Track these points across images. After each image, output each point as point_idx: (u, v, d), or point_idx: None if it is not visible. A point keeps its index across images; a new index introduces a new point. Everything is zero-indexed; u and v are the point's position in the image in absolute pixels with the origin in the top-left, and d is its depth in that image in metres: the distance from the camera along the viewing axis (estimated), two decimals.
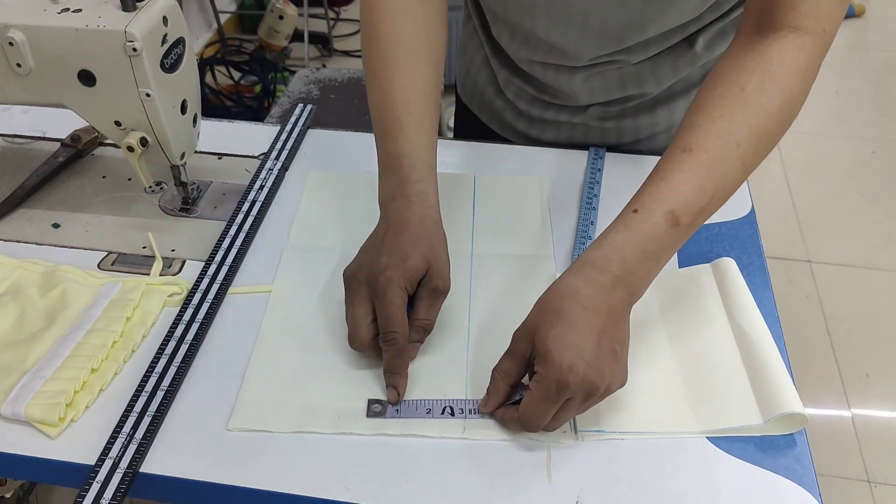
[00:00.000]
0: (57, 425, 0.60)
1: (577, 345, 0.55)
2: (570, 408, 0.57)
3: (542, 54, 0.86)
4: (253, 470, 0.58)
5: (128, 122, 0.72)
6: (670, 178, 0.60)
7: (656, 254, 0.59)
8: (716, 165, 0.60)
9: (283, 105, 1.67)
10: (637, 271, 0.59)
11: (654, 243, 0.59)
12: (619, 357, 0.58)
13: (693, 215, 0.59)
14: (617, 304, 0.58)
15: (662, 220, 0.59)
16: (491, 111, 1.01)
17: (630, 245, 0.59)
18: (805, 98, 0.63)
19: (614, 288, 0.58)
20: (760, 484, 0.58)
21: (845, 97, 2.79)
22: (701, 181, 0.60)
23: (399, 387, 0.63)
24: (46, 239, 0.79)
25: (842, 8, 0.63)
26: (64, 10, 0.69)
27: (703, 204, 0.60)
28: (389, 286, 0.62)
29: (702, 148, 0.60)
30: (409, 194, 0.67)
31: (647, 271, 0.59)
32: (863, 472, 1.56)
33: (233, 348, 0.68)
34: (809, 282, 2.00)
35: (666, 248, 0.60)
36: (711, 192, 0.60)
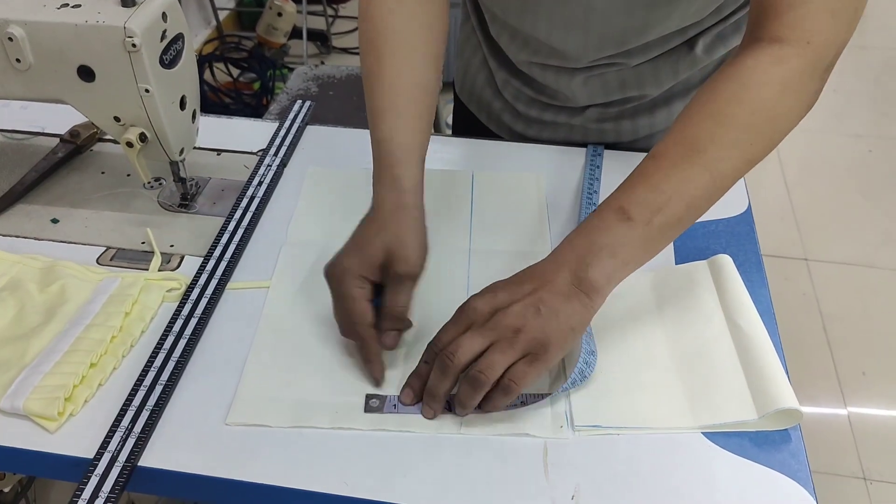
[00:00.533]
0: (56, 419, 0.60)
1: (495, 287, 0.60)
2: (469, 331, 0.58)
3: (542, 56, 0.86)
4: (251, 464, 0.59)
5: (127, 117, 0.73)
6: (629, 180, 0.62)
7: (609, 247, 0.59)
8: (675, 169, 0.60)
9: (281, 102, 1.67)
10: (587, 260, 0.59)
11: (605, 236, 0.60)
12: (541, 313, 0.58)
13: (648, 212, 0.60)
14: (560, 283, 0.59)
15: (612, 214, 0.60)
16: (489, 112, 1.01)
17: (580, 237, 0.61)
18: (795, 111, 0.62)
19: (558, 270, 0.60)
20: (755, 479, 0.59)
21: (843, 95, 2.79)
22: (657, 182, 0.60)
23: (375, 373, 0.63)
24: (45, 234, 0.79)
25: (837, 21, 0.61)
26: (63, 5, 0.69)
27: (660, 203, 0.60)
28: (343, 277, 0.63)
29: (664, 154, 0.61)
30: (382, 179, 0.67)
31: (598, 262, 0.59)
32: (859, 470, 1.56)
33: (231, 343, 0.68)
34: (806, 280, 2.01)
35: (622, 244, 0.60)
36: (669, 193, 0.60)
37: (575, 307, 0.59)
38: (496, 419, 0.62)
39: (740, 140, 0.61)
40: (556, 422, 0.62)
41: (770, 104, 0.61)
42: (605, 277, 0.59)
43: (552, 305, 0.58)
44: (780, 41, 0.61)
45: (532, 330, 0.58)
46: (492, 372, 0.58)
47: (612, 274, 0.60)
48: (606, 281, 0.60)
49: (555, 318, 0.58)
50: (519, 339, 0.58)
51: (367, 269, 0.63)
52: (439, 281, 0.74)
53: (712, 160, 0.60)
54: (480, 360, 0.58)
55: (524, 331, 0.58)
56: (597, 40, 0.81)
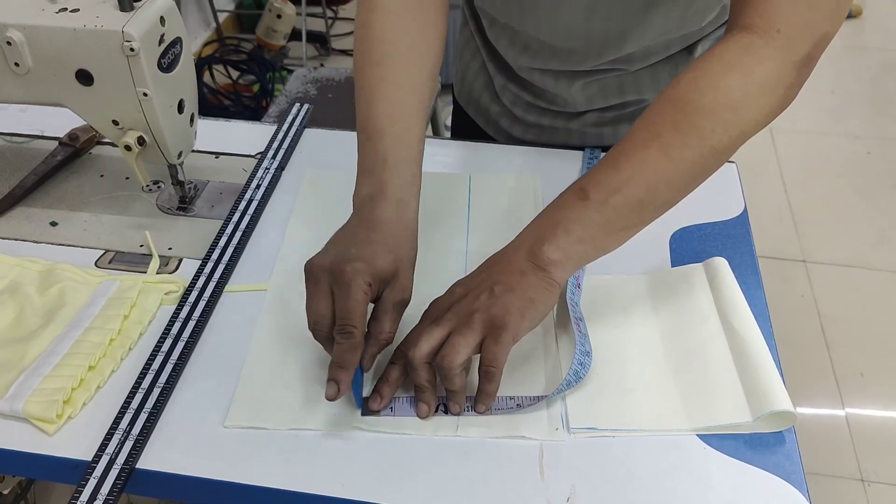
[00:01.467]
0: (54, 422, 0.61)
1: (453, 288, 0.63)
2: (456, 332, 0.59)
3: (541, 60, 0.87)
4: (249, 467, 0.59)
5: (125, 121, 0.73)
6: (595, 165, 0.64)
7: (564, 223, 0.61)
8: (635, 151, 0.62)
9: (280, 104, 1.67)
10: (544, 237, 0.61)
11: (562, 213, 0.62)
12: (495, 293, 0.60)
13: (605, 192, 0.61)
14: (517, 262, 0.61)
15: (572, 193, 0.63)
16: (487, 116, 1.01)
17: (540, 218, 0.64)
18: (763, 101, 0.61)
19: (517, 249, 0.63)
20: (750, 481, 0.59)
21: (841, 96, 2.79)
22: (618, 164, 0.62)
23: (342, 383, 0.60)
24: (44, 237, 0.80)
25: (814, 12, 0.60)
26: (62, 9, 0.69)
27: (617, 184, 0.61)
28: (355, 278, 0.59)
29: (629, 138, 0.63)
30: (388, 198, 0.65)
31: (555, 239, 0.61)
32: (856, 471, 1.56)
33: (229, 346, 0.68)
34: (804, 281, 2.01)
35: (577, 221, 0.61)
36: (627, 174, 0.61)
37: (531, 280, 0.60)
38: (492, 422, 0.62)
39: (699, 126, 0.60)
40: (551, 424, 0.62)
41: (732, 92, 0.60)
42: (559, 251, 0.61)
43: (507, 283, 0.60)
44: (751, 29, 0.61)
45: (488, 308, 0.59)
46: (455, 355, 0.58)
47: (568, 248, 0.61)
48: (562, 255, 0.61)
49: (510, 293, 0.60)
50: (475, 320, 0.59)
51: (375, 279, 0.61)
52: (435, 283, 0.74)
53: (671, 145, 0.61)
54: (443, 346, 0.59)
55: (479, 311, 0.59)
56: (597, 42, 0.81)
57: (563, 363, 0.66)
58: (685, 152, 0.61)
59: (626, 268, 0.76)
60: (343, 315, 0.59)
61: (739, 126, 0.61)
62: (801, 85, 0.63)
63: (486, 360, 0.59)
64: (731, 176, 0.89)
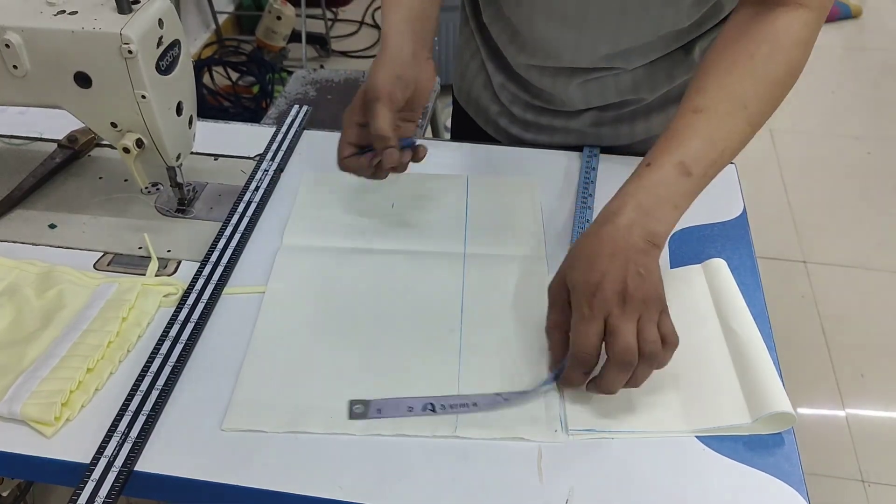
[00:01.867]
0: (53, 424, 0.61)
1: (595, 266, 0.61)
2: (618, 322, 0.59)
3: (540, 58, 0.87)
4: (247, 469, 0.59)
5: (124, 123, 0.73)
6: (681, 134, 0.66)
7: (671, 199, 0.64)
8: (724, 123, 0.66)
9: (279, 106, 1.67)
10: (653, 214, 0.63)
11: (667, 189, 0.64)
12: (645, 278, 0.61)
13: (704, 166, 0.65)
14: (636, 241, 0.62)
15: (673, 169, 0.65)
16: (486, 116, 1.01)
17: (644, 192, 0.64)
18: (804, 67, 0.69)
19: (631, 228, 0.63)
20: (749, 482, 0.59)
21: (841, 97, 2.79)
22: (711, 136, 0.66)
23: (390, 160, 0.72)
24: (43, 239, 0.80)
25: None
26: (60, 12, 0.69)
27: (714, 156, 0.65)
28: (344, 124, 0.75)
29: (712, 108, 0.66)
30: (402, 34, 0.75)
31: (663, 215, 0.64)
32: (857, 472, 1.56)
33: (227, 349, 0.68)
34: (805, 282, 2.01)
35: (682, 196, 0.65)
36: (721, 147, 0.66)
37: (653, 259, 0.63)
38: (490, 423, 0.62)
39: (775, 95, 0.68)
40: (550, 426, 0.62)
41: (797, 63, 0.68)
42: (669, 227, 0.65)
43: (643, 265, 0.62)
44: (804, 6, 0.67)
45: (651, 291, 0.61)
46: (658, 342, 0.60)
47: (674, 222, 0.65)
48: (669, 229, 0.65)
49: (651, 275, 0.62)
50: (651, 305, 0.60)
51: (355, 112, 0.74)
52: (433, 285, 0.74)
53: (754, 114, 0.67)
54: (643, 341, 0.59)
55: (648, 296, 0.60)
56: (591, 38, 0.82)
57: (550, 361, 0.66)
58: (763, 119, 0.68)
59: None
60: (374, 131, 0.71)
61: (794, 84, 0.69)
62: None
63: (669, 332, 0.61)
64: (731, 177, 0.89)
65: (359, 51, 2.98)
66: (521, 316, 0.71)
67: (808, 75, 0.72)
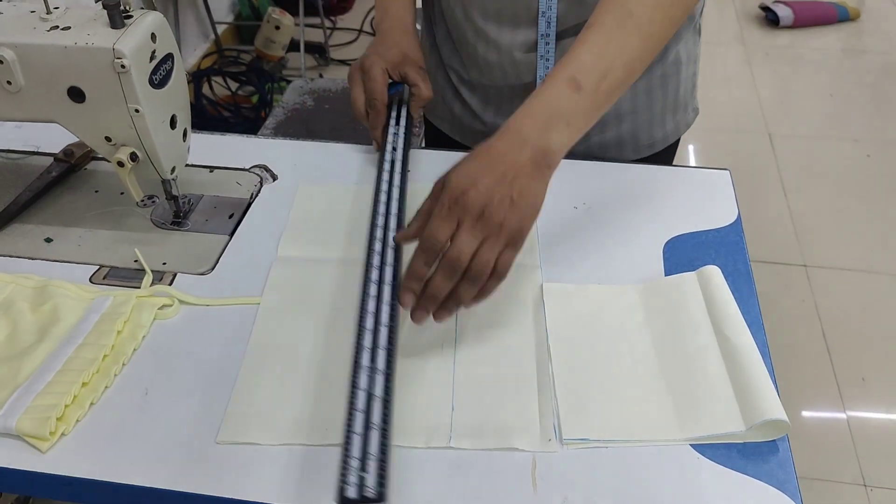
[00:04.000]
0: (48, 439, 0.61)
1: (474, 175, 0.63)
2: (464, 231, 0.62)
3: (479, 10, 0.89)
4: (242, 482, 0.59)
5: (118, 137, 0.73)
6: (573, 50, 0.68)
7: (563, 116, 0.66)
8: (612, 34, 0.68)
9: (277, 116, 1.68)
10: (548, 132, 0.65)
11: (559, 106, 0.66)
12: (515, 203, 0.63)
13: (594, 79, 0.66)
14: (523, 160, 0.64)
15: (564, 84, 0.66)
16: (451, 119, 1.03)
17: (538, 108, 0.66)
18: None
19: (522, 147, 0.64)
20: (744, 490, 0.59)
21: (840, 100, 2.79)
22: (599, 49, 0.67)
23: (378, 136, 0.90)
24: (39, 253, 0.80)
25: None
26: (53, 27, 0.70)
27: (604, 69, 0.67)
28: (373, 66, 0.88)
29: (601, 22, 0.68)
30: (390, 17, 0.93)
31: (557, 133, 0.65)
32: (859, 476, 1.56)
33: (222, 361, 0.68)
34: (805, 286, 2.00)
35: (575, 113, 0.66)
36: (610, 57, 0.67)
37: (540, 185, 0.65)
38: (484, 433, 0.62)
39: (661, 1, 0.69)
40: (544, 435, 0.62)
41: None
42: (562, 146, 0.66)
43: (523, 190, 0.63)
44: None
45: (512, 221, 0.63)
46: (488, 267, 0.63)
47: (568, 142, 0.66)
48: (563, 148, 0.66)
49: (525, 202, 0.63)
50: (503, 233, 0.63)
51: (388, 64, 0.88)
52: None
53: (642, 23, 0.68)
54: (476, 258, 0.63)
55: (505, 223, 0.63)
56: None
57: (554, 370, 0.66)
58: (654, 28, 0.69)
59: (620, 277, 0.76)
60: (368, 91, 0.88)
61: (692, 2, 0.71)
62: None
63: (502, 266, 0.64)
64: (725, 183, 0.89)
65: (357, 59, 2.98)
66: (515, 325, 0.72)
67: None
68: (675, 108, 0.97)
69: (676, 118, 0.98)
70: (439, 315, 0.65)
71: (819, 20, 3.31)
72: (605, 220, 0.84)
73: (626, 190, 0.88)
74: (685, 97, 0.98)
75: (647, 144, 0.97)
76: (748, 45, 3.18)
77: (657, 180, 0.89)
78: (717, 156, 2.45)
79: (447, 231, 0.63)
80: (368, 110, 0.88)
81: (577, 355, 0.68)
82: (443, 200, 0.64)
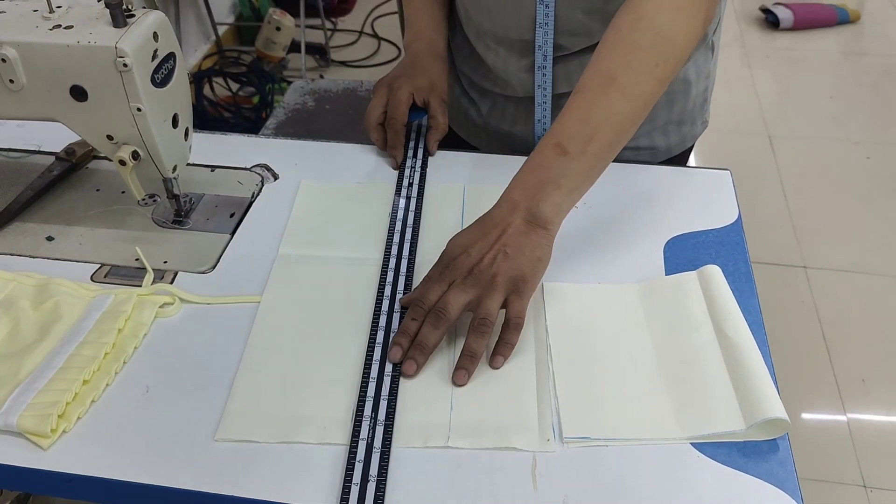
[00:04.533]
0: (49, 436, 0.61)
1: (466, 243, 0.68)
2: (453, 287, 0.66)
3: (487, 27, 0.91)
4: (241, 479, 0.59)
5: (119, 136, 0.73)
6: (560, 116, 0.71)
7: (553, 180, 0.69)
8: (597, 99, 0.70)
9: (278, 116, 1.68)
10: (537, 196, 0.68)
11: (548, 171, 0.69)
12: (509, 257, 0.66)
13: (580, 143, 0.69)
14: (517, 223, 0.68)
15: (550, 150, 0.69)
16: (459, 116, 1.04)
17: (527, 176, 0.70)
18: (692, 29, 0.71)
19: (514, 211, 0.68)
20: (744, 489, 0.59)
21: (840, 102, 2.80)
22: (583, 114, 0.70)
23: (397, 156, 0.90)
24: (40, 252, 0.80)
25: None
26: (56, 26, 0.70)
27: (589, 132, 0.69)
28: (400, 87, 0.89)
29: (586, 87, 0.71)
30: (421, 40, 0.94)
31: (546, 195, 0.68)
32: (859, 477, 1.56)
33: (221, 358, 0.68)
34: (805, 287, 2.01)
35: (563, 175, 0.69)
36: (595, 123, 0.69)
37: (534, 240, 0.68)
38: (482, 433, 0.62)
39: (647, 62, 0.70)
40: (542, 435, 0.62)
41: (666, 26, 0.70)
42: (554, 208, 0.68)
43: (516, 245, 0.67)
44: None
45: (507, 271, 0.66)
46: (492, 317, 0.66)
47: (561, 203, 0.69)
48: (556, 211, 0.69)
49: (521, 255, 0.67)
50: (498, 283, 0.66)
51: (415, 89, 0.90)
52: None
53: (626, 86, 0.69)
54: (478, 310, 0.66)
55: (500, 274, 0.66)
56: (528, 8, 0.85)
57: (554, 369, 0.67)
58: (639, 89, 0.70)
59: (620, 276, 0.77)
60: (391, 110, 0.90)
61: (676, 55, 0.71)
62: (716, 6, 0.74)
63: (514, 314, 0.66)
64: (725, 183, 0.89)
65: (358, 60, 2.99)
66: None
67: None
68: (681, 121, 0.97)
69: (682, 131, 0.98)
70: (459, 377, 0.66)
71: (819, 22, 3.31)
72: (606, 219, 0.84)
73: (627, 190, 0.88)
74: (693, 112, 0.98)
75: (649, 150, 0.97)
76: (748, 46, 3.18)
77: (658, 180, 0.90)
78: (716, 157, 2.44)
79: (438, 292, 0.67)
80: (386, 128, 0.90)
81: (577, 354, 0.69)
82: (437, 266, 0.69)
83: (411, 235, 0.80)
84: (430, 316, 0.66)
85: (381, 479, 0.58)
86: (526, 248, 0.67)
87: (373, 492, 0.57)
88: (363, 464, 0.59)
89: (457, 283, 0.66)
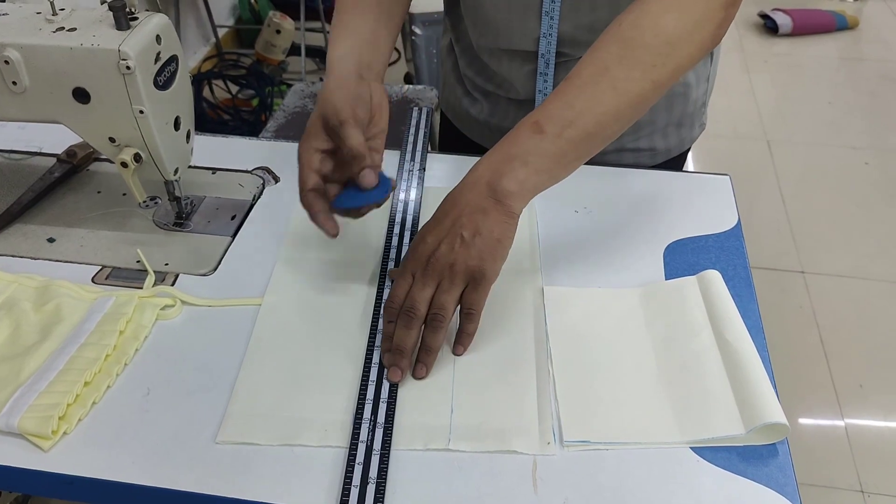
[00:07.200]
0: (50, 438, 0.61)
1: (424, 231, 0.67)
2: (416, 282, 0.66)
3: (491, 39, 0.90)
4: (242, 481, 0.59)
5: (122, 138, 0.74)
6: (546, 99, 0.68)
7: (521, 156, 0.66)
8: (586, 86, 0.67)
9: (278, 119, 1.68)
10: (501, 170, 0.65)
11: (518, 146, 0.66)
12: (465, 241, 0.64)
13: (559, 125, 0.66)
14: (476, 198, 0.65)
15: (527, 128, 0.67)
16: (461, 114, 1.04)
17: (496, 152, 0.67)
18: (697, 36, 0.69)
19: (476, 185, 0.66)
20: (743, 493, 0.59)
21: (838, 108, 2.81)
22: (569, 99, 0.67)
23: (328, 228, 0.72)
24: (41, 253, 0.80)
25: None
26: (59, 28, 0.70)
27: (570, 118, 0.66)
28: (300, 151, 0.73)
29: (577, 74, 0.68)
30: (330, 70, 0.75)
31: (511, 170, 0.65)
32: (856, 483, 1.56)
33: (222, 361, 0.69)
34: (803, 292, 2.01)
35: (534, 153, 0.66)
36: (579, 108, 0.66)
37: (494, 218, 0.65)
38: (483, 436, 0.62)
39: (642, 61, 0.67)
40: (543, 438, 0.62)
41: (670, 29, 0.67)
42: (517, 183, 0.65)
43: (472, 226, 0.64)
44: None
45: (463, 260, 0.64)
46: (445, 311, 0.65)
47: (526, 180, 0.66)
48: (519, 186, 0.65)
49: (479, 238, 0.64)
50: (456, 273, 0.64)
51: (314, 139, 0.72)
52: None
53: (617, 79, 0.67)
54: (433, 304, 0.65)
55: (457, 264, 0.64)
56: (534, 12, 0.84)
57: (554, 368, 0.67)
58: (630, 85, 0.67)
59: (620, 280, 0.77)
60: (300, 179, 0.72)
61: (676, 60, 0.68)
62: (729, 23, 0.71)
63: (467, 305, 0.66)
64: (725, 188, 0.89)
65: None
66: (515, 328, 0.72)
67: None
68: (681, 124, 0.98)
69: (681, 133, 0.99)
70: (417, 371, 0.66)
71: (817, 28, 3.32)
72: (606, 224, 0.84)
73: (627, 194, 0.88)
74: (692, 115, 0.99)
75: (649, 152, 0.98)
76: (747, 52, 3.19)
77: (658, 185, 0.90)
78: (715, 162, 2.45)
79: (405, 287, 0.67)
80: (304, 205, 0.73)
81: (577, 358, 0.69)
82: (404, 258, 0.68)
83: (411, 237, 0.80)
84: (400, 317, 0.66)
85: (380, 481, 0.58)
86: (483, 228, 0.64)
87: (372, 494, 0.58)
88: (363, 466, 0.59)
89: (418, 277, 0.66)
